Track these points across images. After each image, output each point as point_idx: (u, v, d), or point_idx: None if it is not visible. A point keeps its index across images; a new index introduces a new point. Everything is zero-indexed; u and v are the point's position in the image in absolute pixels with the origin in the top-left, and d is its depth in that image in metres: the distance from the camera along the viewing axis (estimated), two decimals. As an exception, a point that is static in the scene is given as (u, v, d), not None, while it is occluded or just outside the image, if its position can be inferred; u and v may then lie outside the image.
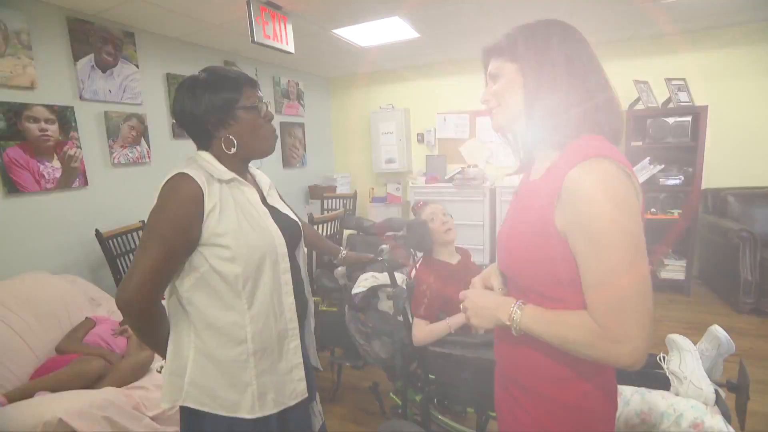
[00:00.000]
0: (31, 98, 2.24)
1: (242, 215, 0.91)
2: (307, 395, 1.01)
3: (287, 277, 0.97)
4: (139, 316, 0.87)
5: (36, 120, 2.25)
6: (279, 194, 1.14)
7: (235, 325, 0.90)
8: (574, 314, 0.65)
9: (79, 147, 2.46)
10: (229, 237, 0.87)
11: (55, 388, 1.55)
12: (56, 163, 2.34)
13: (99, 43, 2.55)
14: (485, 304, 0.77)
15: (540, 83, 0.69)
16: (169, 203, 0.85)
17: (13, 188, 2.16)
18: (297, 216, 1.12)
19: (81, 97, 2.47)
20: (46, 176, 2.30)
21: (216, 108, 0.90)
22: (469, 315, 0.79)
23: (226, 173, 0.92)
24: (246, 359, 0.91)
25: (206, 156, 0.94)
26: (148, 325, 0.90)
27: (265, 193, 1.06)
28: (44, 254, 2.32)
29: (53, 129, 2.32)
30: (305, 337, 1.13)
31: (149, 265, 0.83)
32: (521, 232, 0.73)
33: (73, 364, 1.63)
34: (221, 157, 0.94)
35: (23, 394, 1.52)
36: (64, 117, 2.38)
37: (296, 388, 0.99)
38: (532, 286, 0.72)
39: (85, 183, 2.50)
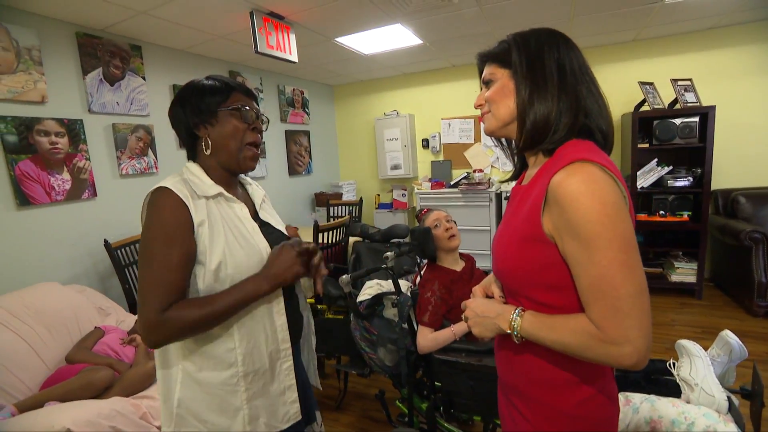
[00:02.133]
0: (42, 112, 2.29)
1: (231, 233, 0.88)
2: (300, 418, 0.97)
3: (278, 295, 0.93)
4: (175, 331, 0.80)
5: (47, 133, 2.30)
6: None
7: (224, 347, 0.86)
8: (572, 318, 0.65)
9: (88, 159, 2.50)
10: (216, 256, 0.84)
11: (64, 398, 1.57)
12: (66, 175, 2.39)
13: (107, 57, 2.61)
14: (485, 312, 0.77)
15: (531, 89, 0.70)
16: (154, 220, 0.82)
17: (25, 200, 2.20)
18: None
19: (90, 110, 2.52)
20: (57, 188, 2.34)
21: (200, 108, 0.89)
22: (471, 324, 0.79)
23: (212, 188, 0.89)
24: (236, 382, 0.87)
25: (193, 168, 0.91)
26: (195, 325, 0.81)
27: (257, 207, 1.02)
28: (54, 265, 2.36)
29: (63, 142, 2.37)
30: (305, 354, 1.09)
31: (155, 284, 0.79)
32: (510, 237, 0.74)
33: (81, 374, 1.64)
34: (209, 167, 0.92)
35: (33, 404, 1.54)
36: (74, 130, 2.43)
37: (289, 411, 0.95)
38: (523, 292, 0.73)
39: (94, 194, 2.54)
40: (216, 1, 2.28)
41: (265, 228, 0.97)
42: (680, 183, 3.23)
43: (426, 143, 4.71)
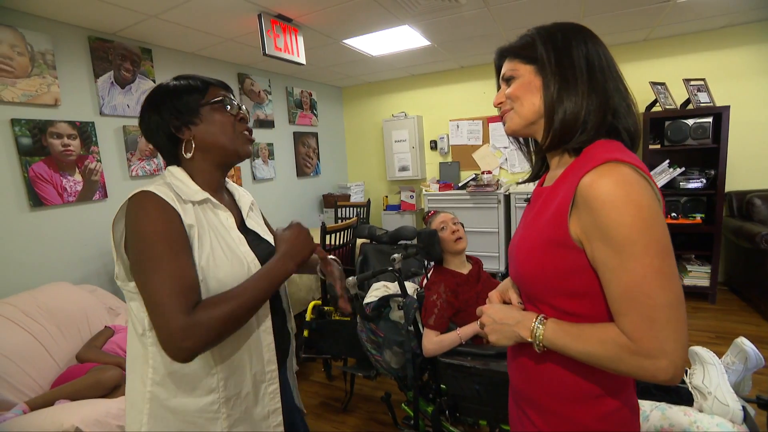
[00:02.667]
0: (55, 115, 2.34)
1: (217, 243, 0.80)
2: None
3: (266, 313, 0.86)
4: (210, 332, 0.70)
5: (59, 136, 2.34)
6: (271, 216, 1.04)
7: (204, 371, 0.77)
8: (601, 328, 0.61)
9: (99, 161, 2.54)
10: (199, 268, 0.75)
11: (74, 397, 1.59)
12: (78, 177, 2.43)
13: (118, 60, 2.65)
14: (504, 319, 0.72)
15: (560, 86, 0.67)
16: (147, 225, 0.71)
17: (38, 201, 2.24)
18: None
19: (101, 113, 2.56)
20: (68, 189, 2.38)
21: (179, 109, 0.81)
22: (488, 332, 0.75)
23: (198, 193, 0.81)
24: (217, 409, 0.78)
25: (176, 172, 0.83)
26: (229, 322, 0.72)
27: (244, 215, 0.94)
28: (66, 265, 2.39)
29: (75, 144, 2.41)
30: (288, 377, 1.02)
31: (172, 286, 0.69)
32: (532, 241, 0.70)
33: (91, 373, 1.66)
34: (195, 170, 0.84)
35: (44, 402, 1.57)
36: (85, 132, 2.47)
37: None
38: (545, 299, 0.69)
39: (105, 195, 2.58)
40: (225, 4, 2.30)
41: (251, 237, 0.90)
42: (693, 185, 3.17)
43: (434, 145, 4.69)
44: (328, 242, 2.74)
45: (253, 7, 2.38)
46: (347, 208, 4.30)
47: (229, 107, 0.85)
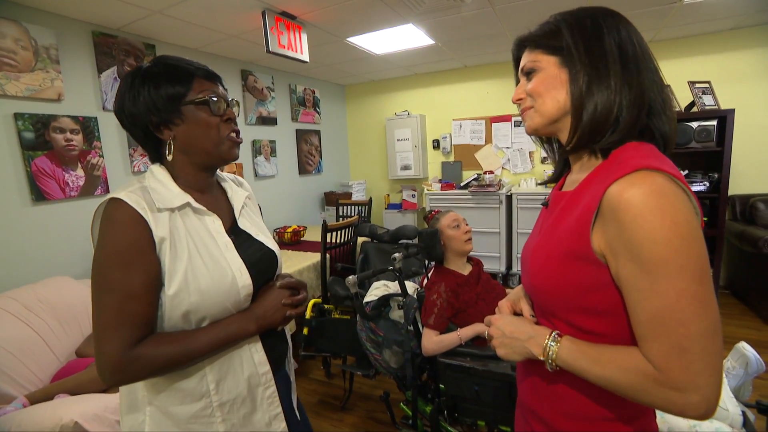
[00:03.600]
0: (58, 110, 2.34)
1: (197, 252, 0.75)
2: None
3: None
4: (145, 371, 0.70)
5: (62, 131, 2.34)
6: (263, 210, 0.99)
7: (192, 377, 0.76)
8: (623, 352, 0.56)
9: (101, 156, 2.55)
10: (176, 281, 0.71)
11: (74, 391, 1.60)
12: (80, 172, 2.43)
13: (122, 55, 2.65)
14: (514, 333, 0.67)
15: (591, 78, 0.60)
16: (107, 238, 0.69)
17: (40, 196, 2.25)
18: (273, 241, 0.93)
19: (104, 108, 2.56)
20: (71, 184, 2.39)
21: (158, 105, 0.74)
22: (496, 345, 0.70)
23: (178, 197, 0.76)
24: (211, 413, 0.77)
25: (158, 173, 0.78)
26: (169, 364, 0.72)
27: (236, 213, 0.88)
28: (67, 259, 2.40)
29: (78, 139, 2.42)
30: (290, 375, 0.99)
31: (116, 316, 0.67)
32: (549, 251, 0.64)
33: (90, 368, 1.67)
34: (177, 171, 0.79)
35: (44, 396, 1.58)
36: (88, 127, 2.47)
37: None
38: (560, 315, 0.64)
39: (107, 191, 2.58)
40: (229, 1, 2.30)
41: (242, 239, 0.85)
42: (696, 188, 3.15)
43: (437, 144, 4.68)
44: (329, 240, 2.74)
45: (257, 3, 2.38)
46: (349, 207, 4.30)
47: (214, 107, 0.77)
